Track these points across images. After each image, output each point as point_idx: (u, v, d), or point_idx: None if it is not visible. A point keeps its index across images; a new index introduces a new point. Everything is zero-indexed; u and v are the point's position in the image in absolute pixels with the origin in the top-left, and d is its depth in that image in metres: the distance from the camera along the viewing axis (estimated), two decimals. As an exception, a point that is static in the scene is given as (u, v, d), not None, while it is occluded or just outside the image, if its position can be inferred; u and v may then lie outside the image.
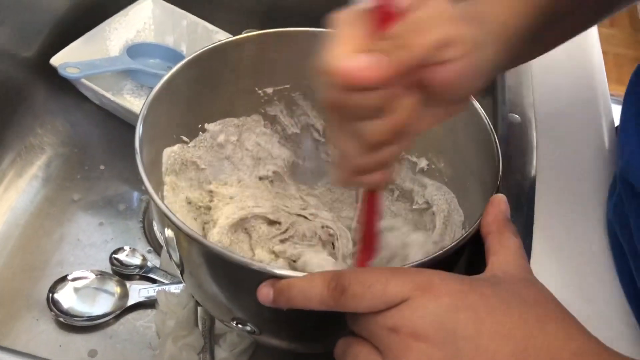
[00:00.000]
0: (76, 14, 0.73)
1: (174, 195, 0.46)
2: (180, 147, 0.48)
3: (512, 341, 0.27)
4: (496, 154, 0.40)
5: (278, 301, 0.33)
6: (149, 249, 0.62)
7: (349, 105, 0.30)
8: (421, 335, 0.28)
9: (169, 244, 0.40)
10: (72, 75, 0.65)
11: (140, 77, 0.73)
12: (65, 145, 0.70)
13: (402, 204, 0.52)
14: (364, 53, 0.29)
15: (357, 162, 0.33)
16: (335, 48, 0.29)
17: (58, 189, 0.66)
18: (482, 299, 0.29)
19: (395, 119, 0.31)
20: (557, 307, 0.30)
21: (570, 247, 0.42)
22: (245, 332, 0.42)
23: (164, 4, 0.77)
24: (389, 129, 0.31)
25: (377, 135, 0.31)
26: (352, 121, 0.31)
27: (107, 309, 0.56)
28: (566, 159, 0.48)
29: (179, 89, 0.45)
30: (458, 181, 0.47)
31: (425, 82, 0.30)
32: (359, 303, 0.29)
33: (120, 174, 0.68)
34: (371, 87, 0.29)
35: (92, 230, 0.63)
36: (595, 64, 0.58)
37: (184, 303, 0.54)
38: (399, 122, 0.31)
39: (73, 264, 0.60)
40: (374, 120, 0.30)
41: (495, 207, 0.35)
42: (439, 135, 0.48)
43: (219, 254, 0.35)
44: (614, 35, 2.04)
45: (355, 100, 0.29)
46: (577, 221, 0.44)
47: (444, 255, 0.35)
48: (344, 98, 0.30)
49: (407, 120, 0.31)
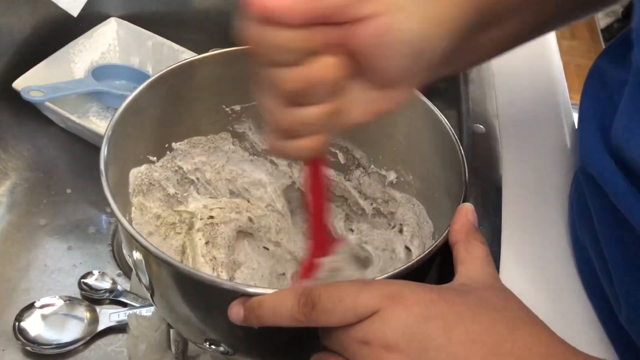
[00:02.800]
0: (39, 37, 0.72)
1: (142, 217, 0.46)
2: (147, 167, 0.47)
3: (483, 347, 0.28)
4: (462, 164, 0.41)
5: (249, 319, 0.32)
6: (119, 273, 0.61)
7: (264, 42, 0.30)
8: (392, 346, 0.28)
9: (137, 266, 0.40)
10: (35, 98, 0.64)
11: (107, 98, 0.72)
12: (30, 170, 0.68)
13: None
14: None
15: (280, 120, 0.32)
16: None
17: (23, 214, 0.65)
18: (452, 308, 0.29)
19: (310, 70, 0.30)
20: (525, 312, 0.30)
21: (537, 252, 0.43)
22: (219, 353, 0.41)
23: (128, 25, 0.76)
24: (301, 78, 0.30)
25: (289, 82, 0.30)
26: (268, 66, 0.31)
27: (76, 335, 0.55)
28: (530, 166, 0.49)
29: (144, 109, 0.45)
30: (427, 192, 0.48)
31: (347, 45, 0.30)
32: (330, 317, 0.29)
33: (88, 197, 0.67)
34: (285, 25, 0.29)
35: (60, 255, 0.62)
36: (556, 74, 0.60)
37: (156, 326, 0.53)
38: (315, 73, 0.30)
39: (40, 290, 0.59)
40: (289, 69, 0.30)
41: (463, 216, 0.36)
42: (406, 147, 0.48)
43: (188, 275, 0.34)
44: (575, 46, 2.10)
45: (270, 37, 0.29)
46: (543, 226, 0.45)
47: (415, 266, 0.35)
48: (261, 32, 0.29)
49: (326, 76, 0.31)
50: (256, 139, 0.53)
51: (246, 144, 0.53)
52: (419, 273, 0.37)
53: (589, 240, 0.41)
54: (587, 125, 0.43)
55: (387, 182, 0.51)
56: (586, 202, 0.41)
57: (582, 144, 0.43)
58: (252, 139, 0.53)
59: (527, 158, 0.50)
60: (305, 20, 0.29)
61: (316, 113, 0.32)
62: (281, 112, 0.32)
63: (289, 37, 0.29)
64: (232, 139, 0.52)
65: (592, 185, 0.40)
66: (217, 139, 0.52)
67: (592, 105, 0.43)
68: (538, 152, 0.51)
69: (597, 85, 0.45)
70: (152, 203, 0.48)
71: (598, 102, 0.43)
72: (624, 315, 0.37)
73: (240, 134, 0.52)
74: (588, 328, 0.40)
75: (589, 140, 0.41)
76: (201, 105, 0.49)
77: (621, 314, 0.37)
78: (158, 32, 0.76)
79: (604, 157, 0.38)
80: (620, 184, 0.36)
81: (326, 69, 0.31)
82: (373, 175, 0.52)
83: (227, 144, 0.52)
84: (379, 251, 0.49)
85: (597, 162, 0.39)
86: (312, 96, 0.31)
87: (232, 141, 0.52)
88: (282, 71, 0.30)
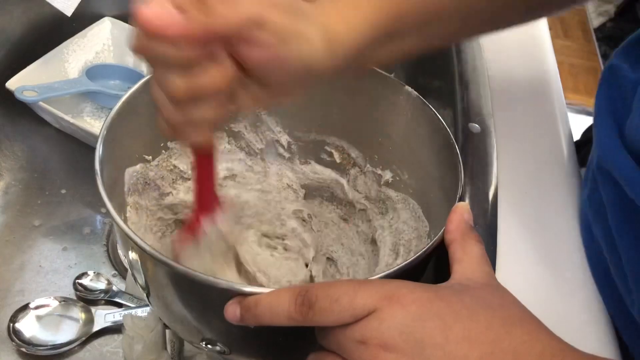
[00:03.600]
0: (33, 37, 0.72)
1: (137, 216, 0.45)
2: (142, 166, 0.47)
3: (479, 346, 0.28)
4: (458, 163, 0.41)
5: (245, 319, 0.32)
6: (114, 273, 0.61)
7: (149, 54, 0.30)
8: (390, 345, 0.28)
9: (133, 266, 0.40)
10: (29, 98, 0.64)
11: (101, 98, 0.72)
12: (24, 171, 0.68)
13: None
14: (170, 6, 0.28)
15: (168, 115, 0.33)
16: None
17: (18, 215, 0.64)
18: (448, 306, 0.29)
19: (196, 82, 0.30)
20: (521, 310, 0.31)
21: (533, 250, 0.43)
22: (216, 352, 0.41)
23: (122, 25, 0.76)
24: (187, 89, 0.31)
25: (174, 91, 0.31)
26: (157, 69, 0.31)
27: (71, 336, 0.54)
28: (526, 165, 0.49)
29: (139, 108, 0.45)
30: (423, 192, 0.48)
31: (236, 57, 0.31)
32: (327, 317, 0.29)
33: (83, 198, 0.66)
34: (168, 41, 0.29)
35: (55, 256, 0.61)
36: (550, 73, 0.60)
37: (152, 326, 0.52)
38: (202, 85, 0.31)
39: (35, 291, 0.58)
40: (176, 76, 0.30)
41: (458, 215, 0.36)
42: (401, 147, 0.48)
43: (184, 274, 0.34)
44: (568, 46, 2.11)
45: (154, 50, 0.29)
46: (539, 225, 0.45)
47: (410, 265, 0.35)
48: (145, 44, 0.30)
49: (213, 88, 0.31)
50: (252, 138, 0.53)
51: (242, 143, 0.53)
52: (415, 272, 0.37)
53: (601, 235, 0.41)
54: (603, 123, 0.43)
55: (383, 181, 0.51)
56: (600, 198, 0.41)
57: (599, 142, 0.43)
58: (247, 137, 0.53)
59: (523, 156, 0.50)
60: (191, 38, 0.29)
61: (202, 115, 0.32)
62: (169, 111, 0.32)
63: (173, 52, 0.29)
64: (227, 138, 0.52)
65: (608, 181, 0.40)
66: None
67: (607, 105, 0.44)
68: (533, 151, 0.51)
69: (612, 84, 0.45)
70: (148, 202, 0.47)
71: (612, 101, 0.44)
72: (637, 310, 0.37)
73: (235, 133, 0.52)
74: (586, 327, 0.40)
75: (606, 139, 0.42)
76: (196, 104, 0.49)
77: (634, 308, 0.37)
78: (152, 32, 0.75)
79: (622, 155, 0.39)
80: (636, 178, 0.36)
81: (213, 79, 0.31)
82: (369, 175, 0.52)
83: (222, 142, 0.52)
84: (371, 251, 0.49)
85: (615, 160, 0.39)
86: (199, 101, 0.32)
87: (227, 140, 0.52)
88: (170, 76, 0.31)
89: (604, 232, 0.41)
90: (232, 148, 0.53)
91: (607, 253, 0.41)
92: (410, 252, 0.46)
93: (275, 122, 0.52)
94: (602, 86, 0.47)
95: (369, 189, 0.52)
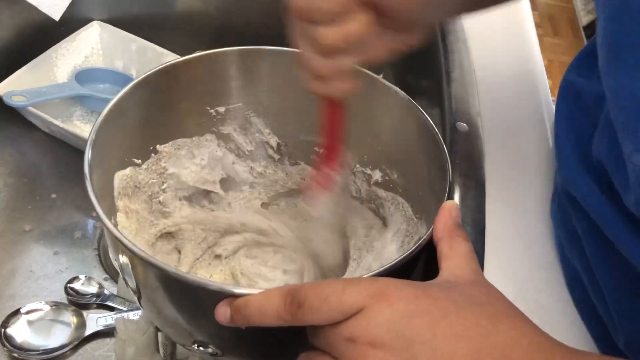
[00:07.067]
0: (21, 41, 0.72)
1: (127, 220, 0.45)
2: (132, 170, 0.47)
3: (467, 342, 0.28)
4: (446, 162, 0.41)
5: (236, 320, 0.33)
6: (106, 277, 0.61)
7: (311, 9, 0.35)
8: (378, 343, 0.28)
9: (124, 270, 0.40)
10: (18, 103, 0.64)
11: (90, 102, 0.72)
12: (14, 175, 0.68)
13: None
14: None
15: (316, 66, 0.38)
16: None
17: (8, 220, 0.64)
18: (436, 303, 0.29)
19: (348, 28, 0.36)
20: (508, 306, 0.31)
21: (520, 248, 0.44)
22: (208, 354, 0.41)
23: (111, 29, 0.76)
24: (340, 35, 0.36)
25: (329, 39, 0.36)
26: (310, 25, 0.36)
27: (63, 341, 0.54)
28: (513, 163, 0.50)
29: (128, 112, 0.45)
30: (411, 191, 0.48)
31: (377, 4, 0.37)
32: (317, 316, 0.30)
33: (73, 202, 0.66)
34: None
35: (46, 260, 0.61)
36: (537, 72, 0.60)
37: (144, 329, 0.52)
38: (350, 31, 0.36)
39: (26, 296, 0.58)
40: (326, 28, 0.36)
41: (446, 214, 0.36)
42: (390, 146, 0.49)
43: (175, 277, 0.34)
44: (558, 44, 2.12)
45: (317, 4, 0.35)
46: (527, 223, 0.46)
47: (400, 264, 0.35)
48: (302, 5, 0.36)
49: (359, 32, 0.36)
50: (241, 140, 0.53)
51: (231, 146, 0.53)
52: (405, 270, 0.37)
53: (577, 259, 0.41)
54: (564, 145, 0.43)
55: (373, 181, 0.51)
56: (572, 222, 0.41)
57: (562, 166, 0.43)
58: (237, 139, 0.53)
59: (510, 155, 0.50)
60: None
61: (349, 62, 0.38)
62: (319, 61, 0.37)
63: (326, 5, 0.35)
64: (217, 141, 0.52)
65: (576, 207, 0.40)
66: (202, 141, 0.52)
67: (568, 124, 0.44)
68: (521, 150, 0.51)
69: (571, 102, 0.45)
70: (138, 206, 0.48)
71: (573, 120, 0.43)
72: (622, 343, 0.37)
73: (225, 135, 0.52)
74: (570, 325, 0.40)
75: (568, 162, 0.41)
76: (185, 107, 0.49)
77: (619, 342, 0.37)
78: (141, 35, 0.75)
79: (585, 180, 0.38)
80: (604, 209, 0.36)
81: (359, 25, 0.36)
82: (358, 175, 0.52)
83: (212, 145, 0.52)
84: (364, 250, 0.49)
85: (579, 186, 0.39)
86: (346, 48, 0.36)
87: (217, 143, 0.52)
88: (322, 29, 0.36)
89: (579, 257, 0.40)
90: (223, 150, 0.53)
91: (585, 279, 0.40)
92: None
93: (264, 124, 0.53)
94: (561, 106, 0.46)
95: (358, 188, 0.52)
